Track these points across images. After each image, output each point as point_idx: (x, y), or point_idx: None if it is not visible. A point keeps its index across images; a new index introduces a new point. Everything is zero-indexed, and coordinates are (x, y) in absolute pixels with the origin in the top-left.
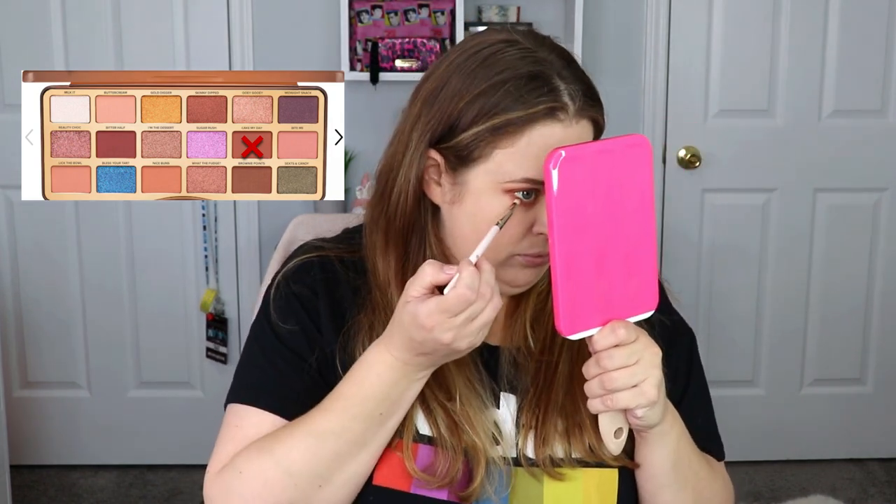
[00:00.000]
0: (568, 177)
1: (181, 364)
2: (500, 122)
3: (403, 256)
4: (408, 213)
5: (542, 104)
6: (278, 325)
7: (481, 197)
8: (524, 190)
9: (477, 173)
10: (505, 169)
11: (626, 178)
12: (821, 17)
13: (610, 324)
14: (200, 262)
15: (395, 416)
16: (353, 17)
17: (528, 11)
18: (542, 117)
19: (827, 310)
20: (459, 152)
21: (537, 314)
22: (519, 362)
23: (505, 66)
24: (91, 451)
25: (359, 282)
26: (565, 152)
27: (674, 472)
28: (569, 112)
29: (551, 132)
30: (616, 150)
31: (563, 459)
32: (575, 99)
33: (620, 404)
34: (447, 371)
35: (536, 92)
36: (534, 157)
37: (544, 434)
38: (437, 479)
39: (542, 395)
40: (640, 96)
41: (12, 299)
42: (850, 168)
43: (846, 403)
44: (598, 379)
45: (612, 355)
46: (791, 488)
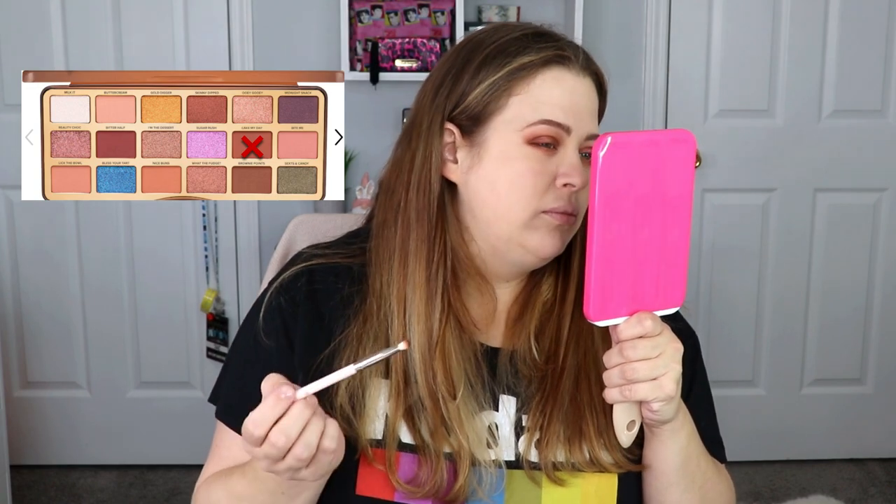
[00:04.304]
0: (613, 162)
1: (181, 364)
2: (515, 67)
3: (429, 243)
4: (433, 193)
5: (552, 49)
6: (261, 338)
7: (502, 151)
8: (543, 137)
9: (495, 127)
10: (523, 114)
11: (669, 172)
12: (821, 17)
13: (637, 314)
14: (200, 262)
15: (300, 499)
16: (353, 17)
17: (528, 11)
18: (553, 62)
19: (827, 310)
20: (474, 111)
21: (542, 324)
22: (519, 366)
23: (507, 33)
24: (91, 451)
25: (353, 289)
26: (612, 138)
27: (682, 471)
28: (577, 63)
29: (562, 75)
30: (662, 142)
31: (563, 463)
32: (581, 55)
33: (638, 396)
34: (452, 366)
35: (543, 40)
36: (549, 100)
37: (546, 440)
38: (420, 490)
39: (547, 403)
40: (640, 96)
41: (12, 299)
42: (850, 168)
43: (846, 403)
44: (619, 368)
45: (636, 346)
46: (791, 488)
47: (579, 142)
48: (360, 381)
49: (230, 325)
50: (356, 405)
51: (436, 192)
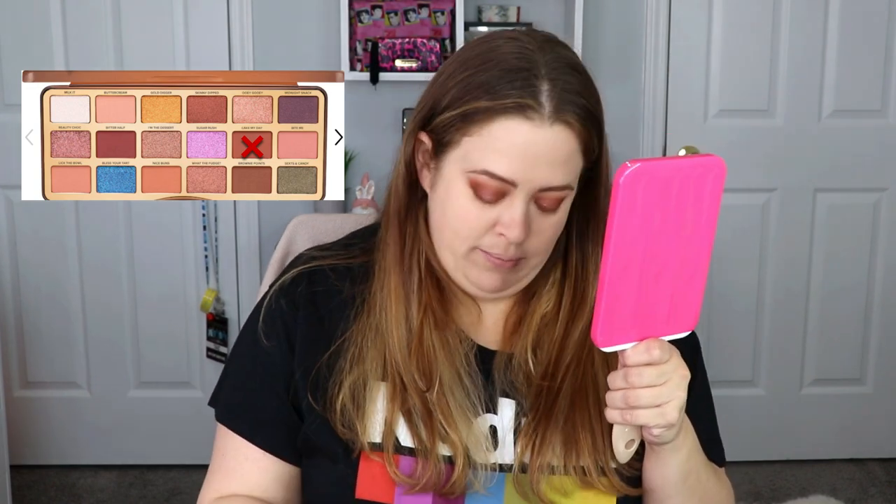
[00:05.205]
0: (633, 192)
1: (181, 364)
2: (469, 110)
3: (401, 244)
4: (401, 197)
5: (512, 98)
6: (262, 340)
7: (450, 184)
8: (484, 189)
9: (449, 159)
10: (470, 157)
11: (694, 199)
12: (821, 17)
13: (646, 342)
14: (200, 262)
15: None
16: (353, 17)
17: (529, 11)
18: (510, 111)
19: (827, 310)
20: (439, 136)
21: (540, 337)
22: (516, 373)
23: (496, 60)
24: (91, 451)
25: (354, 290)
26: (634, 166)
27: (682, 485)
28: (542, 112)
29: (517, 128)
30: (689, 169)
31: (556, 487)
32: (553, 101)
33: (639, 421)
34: (431, 360)
35: (510, 86)
36: (497, 151)
37: (539, 463)
38: (419, 483)
39: (539, 424)
40: (640, 96)
41: (12, 299)
42: (850, 168)
43: (846, 403)
44: (623, 393)
45: (642, 373)
46: (791, 488)
47: (531, 193)
48: (361, 384)
49: (230, 325)
50: (357, 408)
51: (403, 198)
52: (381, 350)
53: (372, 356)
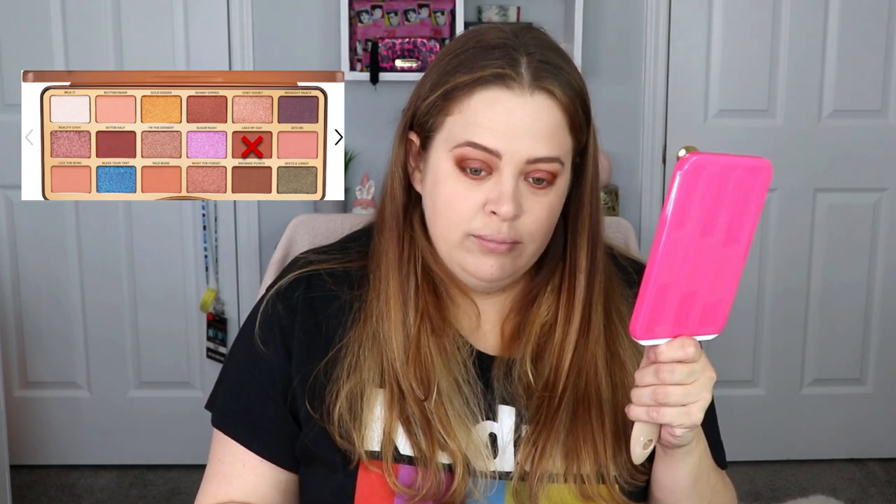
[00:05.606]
0: (693, 183)
1: (181, 364)
2: (449, 88)
3: (399, 249)
4: (398, 199)
5: (490, 69)
6: (258, 346)
7: (437, 169)
8: (471, 161)
9: (435, 146)
10: (453, 134)
11: (741, 198)
12: (821, 17)
13: (681, 339)
14: (200, 262)
15: None
16: (353, 17)
17: (528, 11)
18: (488, 82)
19: (827, 310)
20: (424, 126)
21: (541, 347)
22: (515, 382)
23: (475, 40)
24: (91, 451)
25: (351, 295)
26: (695, 158)
27: (692, 488)
28: (521, 82)
29: (498, 96)
30: (743, 167)
31: (558, 482)
32: (532, 70)
33: (664, 420)
34: (428, 367)
35: (488, 58)
36: (479, 123)
37: (538, 474)
38: (418, 493)
39: (540, 436)
40: (640, 96)
41: (12, 299)
42: (850, 168)
43: (846, 403)
44: (652, 389)
45: (674, 370)
46: (791, 488)
47: (518, 167)
48: (358, 393)
49: (230, 325)
50: (354, 418)
51: (400, 201)
52: (378, 358)
53: (369, 364)
